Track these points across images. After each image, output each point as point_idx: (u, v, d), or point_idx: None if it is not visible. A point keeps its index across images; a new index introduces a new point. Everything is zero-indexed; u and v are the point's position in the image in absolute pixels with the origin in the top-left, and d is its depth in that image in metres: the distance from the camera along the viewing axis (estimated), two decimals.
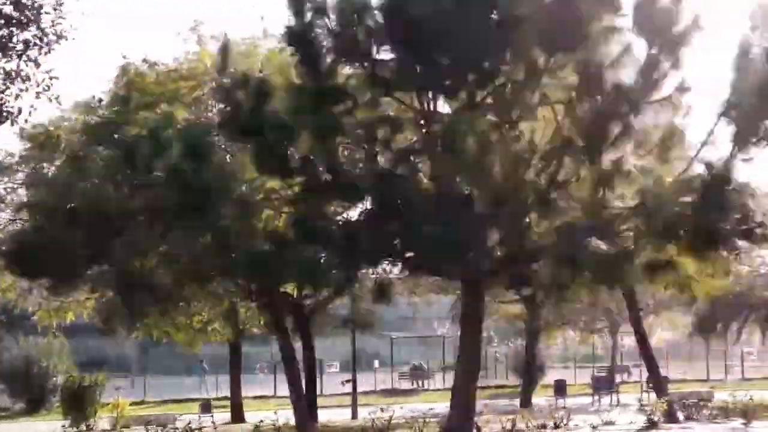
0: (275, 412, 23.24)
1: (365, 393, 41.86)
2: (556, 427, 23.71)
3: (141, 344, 49.27)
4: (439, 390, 42.19)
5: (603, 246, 14.81)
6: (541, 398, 37.23)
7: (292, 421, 23.47)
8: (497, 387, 46.87)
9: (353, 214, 18.23)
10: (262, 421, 22.73)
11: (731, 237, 15.22)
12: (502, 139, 14.65)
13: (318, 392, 42.18)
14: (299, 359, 30.43)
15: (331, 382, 43.59)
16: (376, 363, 50.08)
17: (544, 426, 23.62)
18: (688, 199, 15.58)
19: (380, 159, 15.57)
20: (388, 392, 44.31)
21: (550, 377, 41.65)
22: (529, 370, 37.58)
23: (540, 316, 37.11)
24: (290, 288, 27.42)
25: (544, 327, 40.12)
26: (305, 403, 23.13)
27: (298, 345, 29.84)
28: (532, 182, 15.45)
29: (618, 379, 44.16)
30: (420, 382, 47.51)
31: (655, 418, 24.41)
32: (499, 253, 16.06)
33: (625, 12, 15.40)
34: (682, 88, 15.18)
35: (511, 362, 49.84)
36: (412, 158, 15.39)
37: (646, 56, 15.17)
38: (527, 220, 15.94)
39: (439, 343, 50.60)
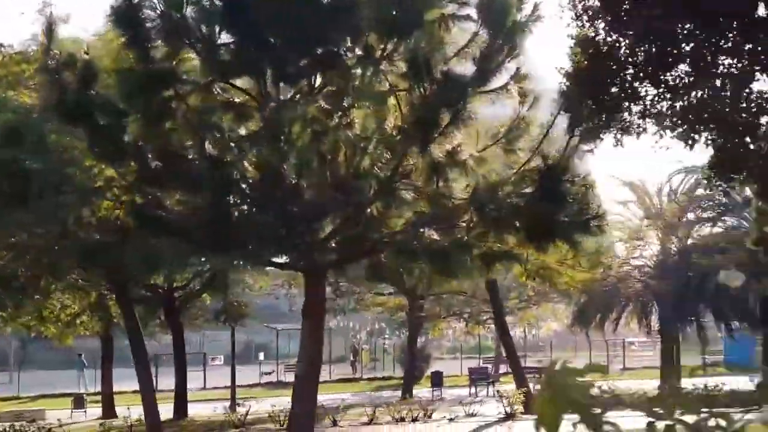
0: (128, 407, 22.53)
1: (249, 386, 41.26)
2: (414, 420, 23.50)
3: (20, 339, 47.70)
4: (327, 382, 41.80)
5: (436, 237, 14.58)
6: (424, 390, 37.24)
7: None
8: (384, 379, 46.78)
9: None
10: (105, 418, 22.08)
11: (568, 228, 15.11)
12: (336, 127, 14.21)
13: (203, 386, 41.58)
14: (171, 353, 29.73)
15: (215, 375, 42.83)
16: (261, 355, 49.41)
17: (402, 419, 23.39)
18: (529, 190, 15.47)
19: (208, 146, 14.96)
20: (272, 385, 43.73)
21: (438, 368, 41.68)
22: (412, 362, 37.50)
23: (421, 308, 37.02)
24: (160, 280, 26.69)
25: (428, 319, 40.07)
26: (154, 399, 22.45)
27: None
28: (371, 171, 15.08)
29: (503, 369, 44.42)
30: None
31: (512, 409, 24.43)
32: (333, 244, 15.70)
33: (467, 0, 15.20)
34: (518, 77, 15.00)
35: (397, 354, 49.77)
36: (243, 145, 14.80)
37: (486, 45, 14.93)
38: (369, 210, 15.58)
39: (327, 335, 50.13)
